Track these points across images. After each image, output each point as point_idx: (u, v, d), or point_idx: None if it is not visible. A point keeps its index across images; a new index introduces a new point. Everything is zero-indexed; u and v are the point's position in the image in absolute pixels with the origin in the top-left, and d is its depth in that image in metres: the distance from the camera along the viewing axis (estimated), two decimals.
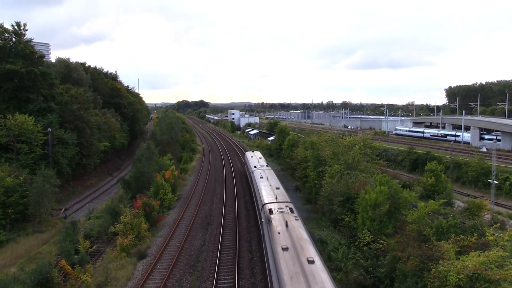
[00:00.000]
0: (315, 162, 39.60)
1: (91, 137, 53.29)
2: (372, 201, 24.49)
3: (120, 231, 28.60)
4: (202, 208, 39.33)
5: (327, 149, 38.88)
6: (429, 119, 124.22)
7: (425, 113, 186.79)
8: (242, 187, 49.05)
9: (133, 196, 37.24)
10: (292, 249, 15.68)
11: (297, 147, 53.88)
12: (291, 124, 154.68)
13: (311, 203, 38.83)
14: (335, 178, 31.88)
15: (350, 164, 34.11)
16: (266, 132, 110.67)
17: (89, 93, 60.11)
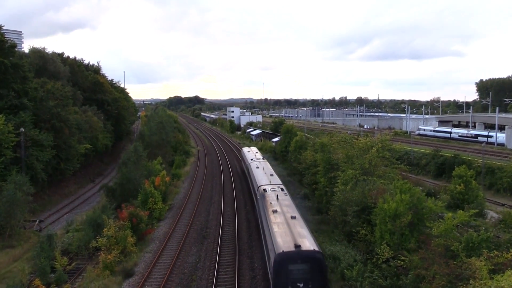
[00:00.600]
0: (326, 167, 39.51)
1: (70, 138, 53.38)
2: (392, 212, 24.37)
3: (103, 245, 28.57)
4: (197, 219, 39.32)
5: (339, 151, 38.79)
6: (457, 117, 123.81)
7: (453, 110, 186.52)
8: (242, 195, 49.03)
9: (118, 206, 37.25)
10: (280, 211, 25.39)
11: (305, 149, 53.86)
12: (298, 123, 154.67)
13: (322, 213, 38.74)
14: (349, 185, 31.79)
15: (366, 169, 34.01)
16: (270, 132, 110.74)
17: (68, 88, 60.31)
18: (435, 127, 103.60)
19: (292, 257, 19.61)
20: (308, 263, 19.56)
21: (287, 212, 25.60)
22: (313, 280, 19.43)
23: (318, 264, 19.51)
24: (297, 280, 19.54)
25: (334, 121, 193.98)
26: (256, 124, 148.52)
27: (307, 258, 19.66)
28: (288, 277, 19.58)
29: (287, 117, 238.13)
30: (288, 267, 19.52)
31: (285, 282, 19.51)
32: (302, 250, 19.88)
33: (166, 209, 42.30)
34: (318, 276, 19.53)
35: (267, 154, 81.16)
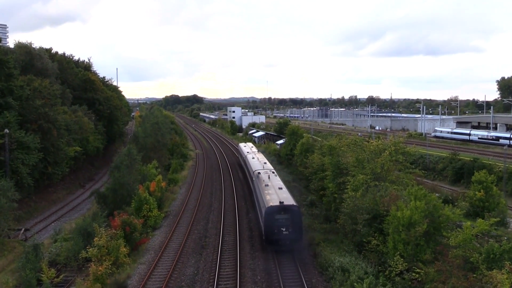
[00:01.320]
0: (335, 171, 39.46)
1: (58, 140, 53.54)
2: (406, 220, 24.30)
3: (94, 256, 28.59)
4: (195, 228, 39.32)
5: (349, 155, 38.74)
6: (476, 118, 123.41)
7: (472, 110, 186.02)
8: (244, 201, 49.04)
9: (110, 213, 37.29)
10: (271, 185, 36.58)
11: (312, 152, 53.83)
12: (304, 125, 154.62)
13: (330, 221, 38.66)
14: (360, 191, 31.74)
15: (378, 173, 33.93)
16: (274, 134, 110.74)
17: (56, 86, 60.56)
18: (452, 129, 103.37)
19: (277, 209, 31.03)
20: (288, 213, 30.88)
21: (276, 185, 37.77)
22: (292, 226, 30.79)
23: (296, 214, 30.92)
24: (280, 225, 30.77)
25: (343, 122, 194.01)
26: (259, 125, 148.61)
27: (288, 209, 30.99)
28: (274, 223, 30.78)
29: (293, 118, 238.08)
30: (275, 216, 30.86)
31: (272, 227, 30.78)
32: (284, 204, 31.34)
33: (162, 216, 42.31)
34: (295, 222, 30.83)
35: (271, 158, 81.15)
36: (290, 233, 31.07)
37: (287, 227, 31.09)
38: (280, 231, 30.99)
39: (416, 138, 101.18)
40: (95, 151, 72.07)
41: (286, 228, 31.05)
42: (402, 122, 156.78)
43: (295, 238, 31.10)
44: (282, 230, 30.99)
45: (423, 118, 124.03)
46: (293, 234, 31.01)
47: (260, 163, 51.17)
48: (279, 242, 31.18)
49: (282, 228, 30.99)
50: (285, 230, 31.05)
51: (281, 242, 31.18)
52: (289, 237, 31.11)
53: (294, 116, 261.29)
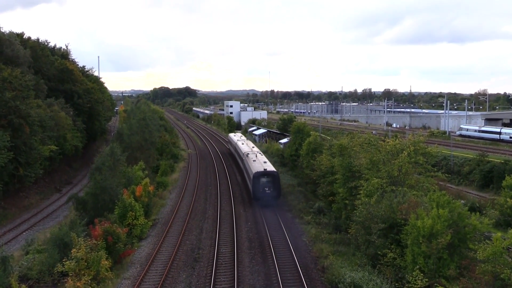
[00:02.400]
0: (346, 175, 39.40)
1: (31, 138, 53.48)
2: (427, 230, 24.22)
3: (71, 270, 28.52)
4: (187, 238, 39.29)
5: (362, 156, 38.69)
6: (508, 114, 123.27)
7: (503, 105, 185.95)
8: (243, 208, 49.06)
9: (90, 221, 37.25)
10: (257, 160, 54.81)
11: (320, 153, 53.82)
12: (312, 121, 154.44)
13: (340, 231, 38.64)
14: (374, 196, 31.68)
15: (395, 177, 33.88)
16: (277, 132, 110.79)
17: (29, 76, 60.45)
18: (480, 127, 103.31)
19: (262, 174, 48.25)
20: (270, 177, 48.26)
21: (261, 160, 55.76)
22: (273, 187, 48.00)
23: (276, 178, 48.67)
24: (264, 186, 48.09)
25: (356, 118, 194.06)
26: (260, 122, 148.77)
27: (270, 174, 48.47)
28: (260, 184, 48.00)
29: (298, 114, 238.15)
30: (260, 179, 47.91)
31: (258, 187, 48.05)
32: (267, 170, 49.11)
33: (149, 225, 42.26)
34: (275, 184, 48.30)
35: (274, 159, 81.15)
36: (271, 191, 48.89)
37: (269, 187, 49.05)
38: (264, 190, 48.94)
39: (439, 137, 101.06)
40: (74, 151, 72.00)
41: (268, 188, 49.04)
42: (423, 118, 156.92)
43: (275, 195, 49.07)
44: (265, 189, 48.98)
45: (446, 114, 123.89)
46: (274, 192, 48.96)
47: (249, 147, 70.27)
48: (263, 198, 48.71)
49: (265, 188, 49.04)
50: (268, 190, 48.98)
51: (265, 199, 48.65)
52: (270, 195, 48.80)
53: (299, 112, 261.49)
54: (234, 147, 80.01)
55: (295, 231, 40.87)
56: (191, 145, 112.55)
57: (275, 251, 35.02)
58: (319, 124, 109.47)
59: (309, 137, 61.60)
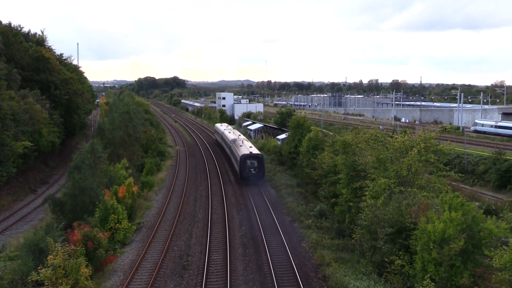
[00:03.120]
0: (350, 174, 39.51)
1: (2, 133, 53.27)
2: (438, 235, 24.33)
3: (47, 279, 28.48)
4: (174, 244, 39.33)
5: (368, 153, 38.79)
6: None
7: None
8: (237, 211, 49.16)
9: (68, 225, 37.14)
10: (243, 145, 69.46)
11: (322, 150, 53.93)
12: (313, 115, 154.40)
13: (344, 236, 38.75)
14: (381, 198, 31.79)
15: (404, 177, 33.99)
16: (275, 127, 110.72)
17: (0, 65, 60.15)
18: (497, 122, 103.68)
19: (248, 156, 61.64)
20: (255, 159, 61.56)
21: (247, 145, 67.84)
22: (258, 168, 61.59)
23: (260, 160, 62.08)
24: (250, 168, 61.54)
25: (361, 112, 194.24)
26: (256, 116, 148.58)
27: (255, 157, 61.85)
28: (246, 166, 61.50)
29: (298, 107, 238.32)
30: (246, 161, 61.44)
31: (245, 168, 61.58)
32: (252, 153, 62.43)
33: (134, 229, 42.23)
34: (260, 166, 61.90)
35: (271, 156, 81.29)
36: (257, 172, 61.98)
37: (255, 168, 61.90)
38: (250, 171, 61.84)
39: (452, 133, 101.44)
40: (50, 147, 71.80)
41: (254, 169, 61.84)
42: (435, 113, 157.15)
43: (260, 175, 62.26)
44: (251, 170, 61.83)
45: (460, 108, 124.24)
46: (259, 173, 62.13)
47: (235, 135, 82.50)
48: (249, 178, 61.70)
49: (251, 169, 61.87)
50: (254, 170, 61.83)
51: (251, 179, 61.67)
52: (256, 175, 61.79)
53: (299, 105, 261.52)
54: (221, 136, 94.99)
55: (294, 236, 41.00)
56: (179, 141, 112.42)
57: (272, 258, 35.13)
58: (321, 119, 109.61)
59: (309, 133, 61.64)
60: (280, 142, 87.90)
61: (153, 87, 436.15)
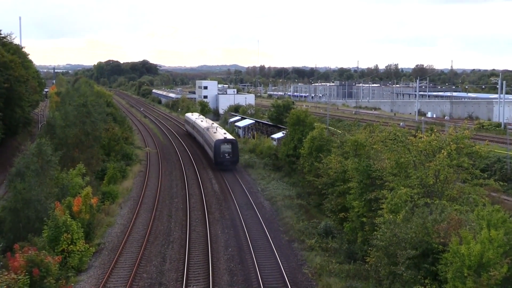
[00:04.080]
0: (363, 182, 39.46)
1: None
2: (475, 259, 24.27)
3: None
4: (143, 270, 39.26)
5: (385, 156, 38.77)
6: None
7: None
8: (221, 229, 49.10)
9: (8, 248, 36.85)
10: (218, 131, 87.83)
11: (327, 152, 53.92)
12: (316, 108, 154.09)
13: (355, 260, 38.73)
14: (402, 212, 31.70)
15: (431, 186, 33.98)
16: (269, 123, 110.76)
17: None
18: None
19: (222, 141, 79.97)
20: (229, 144, 79.85)
21: (221, 132, 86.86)
22: (232, 153, 79.01)
23: (234, 145, 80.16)
24: (224, 153, 78.67)
25: (377, 105, 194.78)
26: (246, 110, 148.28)
27: (229, 142, 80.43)
28: (220, 151, 78.74)
29: (298, 98, 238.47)
30: (220, 146, 79.13)
31: (219, 153, 78.64)
32: (227, 138, 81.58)
33: (92, 252, 42.01)
34: (234, 151, 79.42)
35: (264, 160, 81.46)
36: (231, 157, 77.31)
37: (229, 153, 77.33)
38: (224, 156, 77.07)
39: (491, 131, 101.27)
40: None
41: (228, 154, 77.19)
42: (469, 105, 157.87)
43: (234, 161, 78.03)
44: (226, 155, 77.04)
45: (502, 100, 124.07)
46: (233, 158, 77.62)
47: (208, 123, 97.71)
48: (223, 163, 77.27)
49: (226, 154, 77.07)
50: (228, 156, 77.13)
51: (225, 163, 77.21)
52: (229, 160, 77.34)
53: (300, 96, 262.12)
54: (193, 126, 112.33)
55: (293, 259, 40.97)
56: (150, 142, 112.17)
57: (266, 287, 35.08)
58: (327, 113, 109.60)
59: (312, 131, 61.68)
60: (276, 142, 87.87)
61: (116, 73, 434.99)
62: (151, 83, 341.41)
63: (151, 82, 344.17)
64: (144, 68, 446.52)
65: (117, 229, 49.87)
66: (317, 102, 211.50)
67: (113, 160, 76.67)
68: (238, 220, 52.07)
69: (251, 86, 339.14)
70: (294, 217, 51.82)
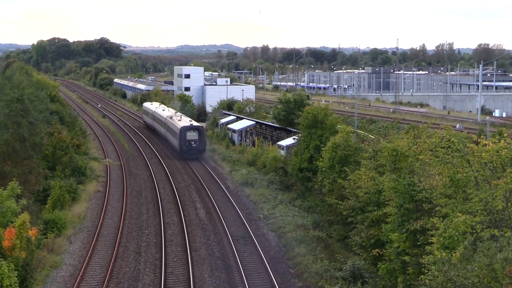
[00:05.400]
0: (405, 207, 39.36)
1: None
2: None
3: None
4: None
5: (435, 170, 38.67)
6: None
7: None
8: (210, 269, 48.96)
9: None
10: (182, 119, 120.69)
11: (356, 165, 53.86)
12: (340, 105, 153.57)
13: None
14: (459, 249, 31.64)
15: (499, 212, 33.86)
16: (275, 125, 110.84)
17: None
18: None
19: (188, 128, 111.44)
20: (196, 131, 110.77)
21: (187, 119, 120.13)
22: (199, 141, 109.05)
23: (201, 132, 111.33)
24: (191, 141, 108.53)
25: (424, 99, 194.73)
26: (243, 107, 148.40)
27: (195, 129, 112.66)
28: (186, 139, 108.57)
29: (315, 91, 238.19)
30: (186, 133, 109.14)
31: (185, 141, 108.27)
32: (193, 125, 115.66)
33: None
34: (201, 138, 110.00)
35: (267, 176, 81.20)
36: (197, 145, 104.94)
37: (195, 141, 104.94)
38: (190, 144, 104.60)
39: None
40: None
41: (194, 142, 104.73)
42: None
43: (201, 149, 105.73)
44: (192, 143, 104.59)
45: None
46: (199, 146, 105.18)
47: (171, 112, 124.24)
48: (190, 151, 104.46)
49: (192, 142, 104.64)
50: (194, 144, 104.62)
51: (191, 152, 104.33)
52: (196, 148, 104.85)
53: (317, 88, 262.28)
54: (153, 116, 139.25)
55: None
56: (111, 150, 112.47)
57: None
58: (354, 111, 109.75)
59: (335, 136, 61.65)
60: (285, 151, 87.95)
61: (64, 56, 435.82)
62: (112, 69, 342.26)
63: (112, 69, 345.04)
64: (102, 49, 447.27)
65: (65, 272, 49.77)
66: (341, 96, 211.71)
67: (60, 176, 76.49)
68: (233, 259, 52.03)
69: (250, 74, 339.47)
70: (310, 255, 51.68)
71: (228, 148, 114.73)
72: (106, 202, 72.36)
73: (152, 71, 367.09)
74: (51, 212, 61.87)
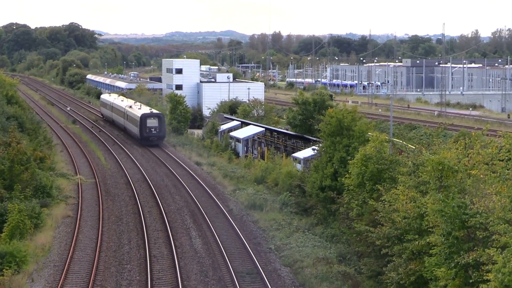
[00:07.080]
0: (454, 235, 39.37)
1: None
2: None
3: None
4: None
5: (492, 190, 38.65)
6: None
7: None
8: None
9: None
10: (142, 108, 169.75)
11: (392, 182, 53.87)
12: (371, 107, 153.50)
13: None
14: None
15: None
16: (289, 132, 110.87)
17: None
18: None
19: (148, 115, 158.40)
20: (156, 118, 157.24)
21: (147, 108, 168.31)
22: (159, 128, 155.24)
23: (161, 119, 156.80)
24: (151, 128, 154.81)
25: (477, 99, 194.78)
26: (249, 110, 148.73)
27: (156, 116, 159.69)
28: (147, 126, 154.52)
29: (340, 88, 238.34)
30: (147, 120, 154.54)
31: (145, 128, 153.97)
32: (153, 112, 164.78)
33: None
34: (161, 126, 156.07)
35: (281, 196, 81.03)
36: (157, 132, 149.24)
37: (155, 128, 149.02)
38: (150, 131, 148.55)
39: None
40: None
41: (154, 129, 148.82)
42: None
43: (161, 136, 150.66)
44: (152, 130, 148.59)
45: None
46: (159, 133, 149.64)
47: (129, 103, 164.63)
48: (150, 138, 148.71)
49: (152, 129, 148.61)
50: (154, 130, 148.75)
51: (151, 139, 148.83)
52: (157, 135, 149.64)
53: (342, 85, 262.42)
54: (111, 108, 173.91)
55: None
56: (84, 165, 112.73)
57: None
58: (390, 115, 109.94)
59: (365, 146, 61.70)
60: (302, 165, 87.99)
61: (25, 46, 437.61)
62: (84, 63, 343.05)
63: (84, 62, 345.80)
64: (71, 38, 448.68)
65: None
66: (372, 96, 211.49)
67: (19, 197, 76.48)
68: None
69: (259, 68, 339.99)
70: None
71: (231, 161, 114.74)
72: (77, 230, 72.33)
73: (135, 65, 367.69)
74: (8, 243, 61.84)
